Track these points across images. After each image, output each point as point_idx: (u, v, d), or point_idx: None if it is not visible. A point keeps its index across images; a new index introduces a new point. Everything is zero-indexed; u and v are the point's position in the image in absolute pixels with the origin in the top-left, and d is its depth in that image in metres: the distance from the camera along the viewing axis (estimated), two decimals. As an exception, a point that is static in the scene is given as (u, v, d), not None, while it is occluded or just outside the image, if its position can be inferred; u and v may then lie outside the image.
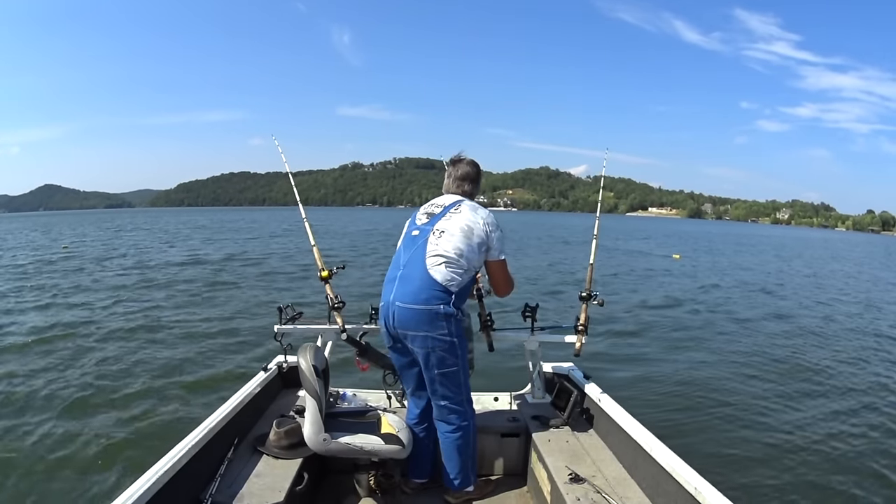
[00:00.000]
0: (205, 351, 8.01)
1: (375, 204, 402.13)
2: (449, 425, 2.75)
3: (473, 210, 2.71)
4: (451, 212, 2.70)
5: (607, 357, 7.96)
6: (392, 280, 2.65)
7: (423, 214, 2.76)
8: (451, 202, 2.75)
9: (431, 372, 2.63)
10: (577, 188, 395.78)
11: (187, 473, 2.27)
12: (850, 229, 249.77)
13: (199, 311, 11.16)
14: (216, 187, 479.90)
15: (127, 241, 32.48)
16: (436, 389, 2.68)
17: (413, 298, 2.54)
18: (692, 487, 2.12)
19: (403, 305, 2.55)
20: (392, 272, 2.68)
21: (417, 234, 2.69)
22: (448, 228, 2.64)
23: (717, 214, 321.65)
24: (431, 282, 2.55)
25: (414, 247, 2.65)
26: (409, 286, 2.57)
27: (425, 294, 2.54)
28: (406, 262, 2.64)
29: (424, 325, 2.55)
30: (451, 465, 2.78)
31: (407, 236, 2.74)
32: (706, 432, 5.48)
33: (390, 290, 2.62)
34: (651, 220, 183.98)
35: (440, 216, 2.70)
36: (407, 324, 2.56)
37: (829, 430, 5.64)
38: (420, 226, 2.72)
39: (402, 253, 2.70)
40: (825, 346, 9.49)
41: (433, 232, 2.64)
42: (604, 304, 3.23)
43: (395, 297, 2.58)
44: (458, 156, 2.91)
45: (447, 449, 2.78)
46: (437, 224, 2.67)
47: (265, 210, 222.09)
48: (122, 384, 6.49)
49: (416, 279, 2.57)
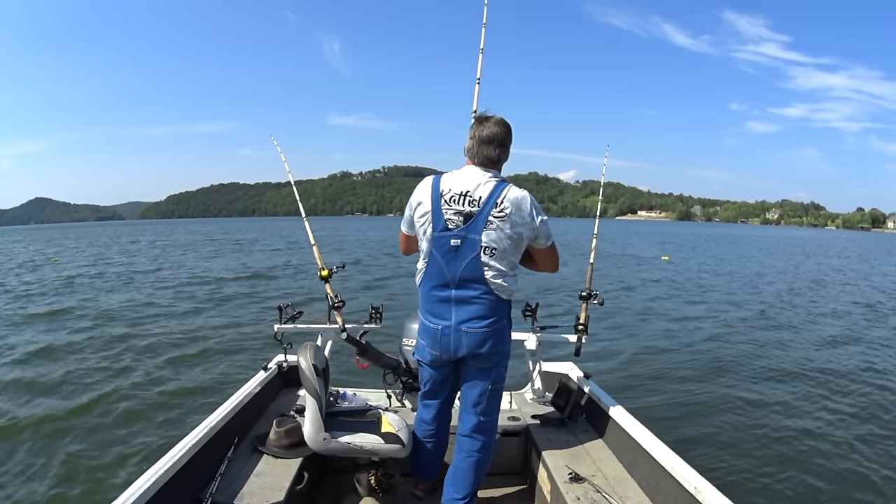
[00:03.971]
0: (205, 351, 8.04)
1: (365, 212, 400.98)
2: (476, 442, 2.58)
3: (519, 210, 2.36)
4: (495, 215, 2.33)
5: (607, 357, 7.97)
6: (445, 301, 2.41)
7: (455, 214, 2.35)
8: (489, 193, 2.35)
9: (485, 387, 2.50)
10: (566, 193, 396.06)
11: (187, 473, 2.26)
12: (840, 227, 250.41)
13: (199, 310, 11.26)
14: (206, 198, 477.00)
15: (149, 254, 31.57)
16: (480, 403, 2.53)
17: (481, 321, 2.39)
18: (692, 486, 2.13)
19: (473, 330, 2.39)
20: (437, 290, 2.43)
21: (460, 246, 2.35)
22: (500, 245, 2.34)
23: (707, 216, 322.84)
24: (496, 301, 2.39)
25: (462, 263, 2.35)
26: (475, 308, 2.38)
27: (494, 314, 2.40)
28: (459, 280, 2.37)
29: (495, 344, 2.43)
30: (464, 483, 2.58)
31: (442, 244, 2.38)
32: (706, 431, 5.48)
33: (447, 312, 2.41)
34: (641, 224, 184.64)
35: (481, 220, 2.33)
36: (478, 347, 2.41)
37: (829, 429, 5.64)
38: (458, 232, 2.34)
39: (443, 265, 2.38)
40: (824, 346, 9.53)
41: (484, 250, 2.33)
42: (604, 303, 3.25)
43: (459, 321, 2.39)
44: (485, 113, 2.49)
45: (465, 467, 2.59)
46: (483, 235, 2.33)
47: (257, 220, 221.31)
48: (122, 384, 6.50)
49: (480, 301, 2.38)
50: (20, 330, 9.95)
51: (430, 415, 2.75)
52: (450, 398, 2.76)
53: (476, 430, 2.58)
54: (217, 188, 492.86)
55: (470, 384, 2.54)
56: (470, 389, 2.55)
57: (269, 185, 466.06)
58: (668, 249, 36.70)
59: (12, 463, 4.63)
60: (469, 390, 2.55)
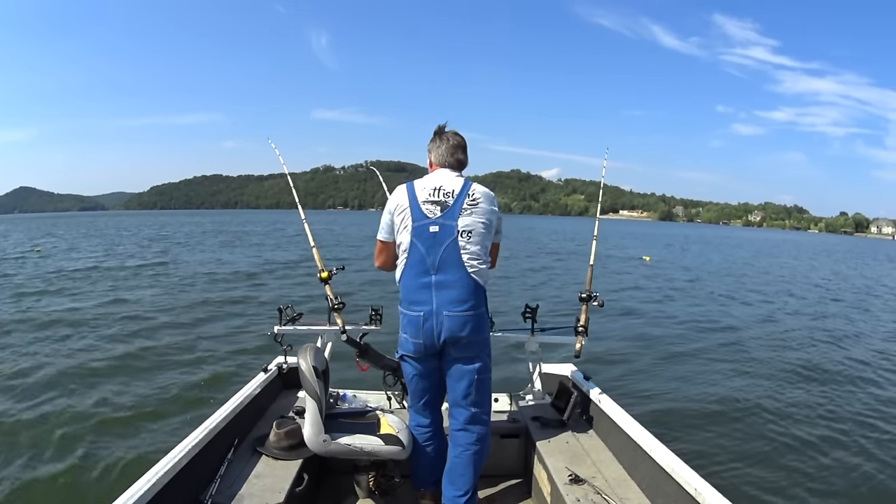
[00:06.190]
0: (205, 351, 7.98)
1: (346, 207, 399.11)
2: (471, 434, 2.63)
3: (488, 200, 2.58)
4: (468, 204, 2.53)
5: (607, 357, 8.01)
6: (426, 287, 2.50)
7: (431, 203, 2.53)
8: (460, 186, 2.57)
9: (471, 377, 2.56)
10: (547, 191, 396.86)
11: (187, 474, 2.26)
12: (823, 231, 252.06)
13: (199, 311, 11.13)
14: (188, 190, 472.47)
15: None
16: (470, 395, 2.59)
17: (461, 305, 2.48)
18: (692, 488, 2.14)
19: (453, 313, 2.48)
20: (418, 277, 2.52)
21: (438, 231, 2.50)
22: (475, 228, 2.51)
23: (689, 217, 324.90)
24: (474, 285, 2.51)
25: (441, 247, 2.49)
26: (454, 292, 2.48)
27: (472, 299, 2.50)
28: (438, 264, 2.49)
29: (474, 330, 2.52)
30: (464, 479, 2.61)
31: (421, 232, 2.51)
32: (706, 432, 5.53)
33: (428, 298, 2.50)
34: (622, 223, 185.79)
35: (456, 208, 2.52)
36: (459, 331, 2.49)
37: (830, 428, 5.73)
38: (436, 220, 2.51)
39: (423, 253, 2.50)
40: (833, 346, 9.69)
41: (461, 234, 2.49)
42: (604, 304, 3.27)
43: (439, 306, 2.48)
44: (444, 126, 2.74)
45: (464, 461, 2.63)
46: (459, 221, 2.50)
47: (242, 213, 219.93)
48: (121, 384, 6.44)
49: (459, 284, 2.49)
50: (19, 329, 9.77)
51: (423, 416, 2.78)
52: (438, 397, 2.77)
53: (470, 421, 2.63)
54: (200, 180, 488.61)
55: (456, 377, 2.59)
56: (457, 383, 2.60)
57: (251, 177, 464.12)
58: (648, 250, 37.09)
59: (12, 462, 4.59)
60: (456, 384, 2.60)
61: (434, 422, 2.78)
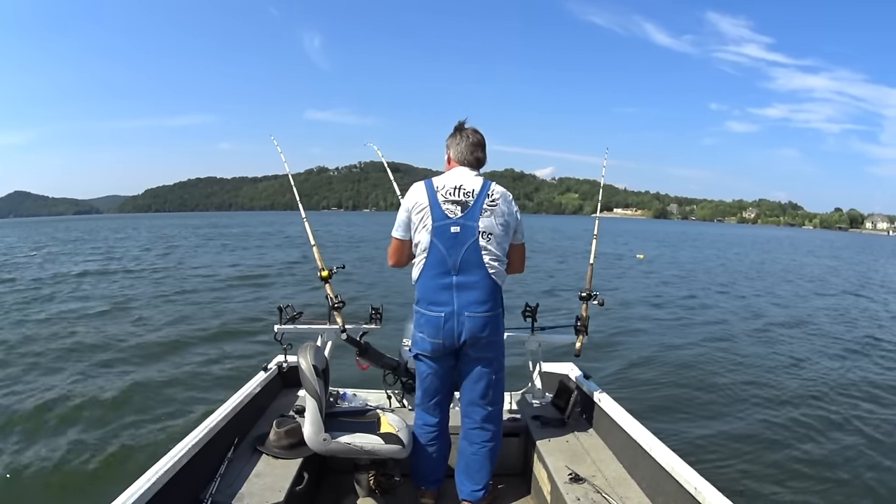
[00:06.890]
0: (205, 350, 8.01)
1: (341, 208, 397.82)
2: (487, 432, 2.69)
3: (506, 201, 2.58)
4: (488, 204, 2.53)
5: (606, 356, 8.03)
6: (446, 288, 2.52)
7: (452, 203, 2.52)
8: (480, 186, 2.57)
9: (489, 377, 2.61)
10: (541, 190, 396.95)
11: (187, 473, 2.26)
12: (818, 227, 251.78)
13: (199, 311, 11.17)
14: (183, 192, 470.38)
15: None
16: (487, 394, 2.64)
17: (482, 306, 2.51)
18: (692, 487, 2.14)
19: (475, 314, 2.51)
20: (439, 278, 2.53)
21: (460, 232, 2.49)
22: (494, 231, 2.52)
23: (683, 214, 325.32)
24: (494, 286, 2.54)
25: (462, 248, 2.49)
26: (475, 293, 2.51)
27: (491, 300, 2.54)
28: (460, 265, 2.50)
29: (493, 331, 2.57)
30: (481, 475, 2.71)
31: (442, 232, 2.50)
32: (707, 432, 5.52)
33: (449, 298, 2.51)
34: (616, 221, 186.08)
35: (477, 209, 2.52)
36: (479, 332, 2.52)
37: (830, 428, 5.74)
38: (457, 220, 2.50)
39: (444, 253, 2.50)
40: (822, 344, 9.74)
41: (482, 234, 2.50)
42: (604, 303, 3.27)
43: (461, 307, 2.50)
44: (464, 122, 2.75)
45: (480, 458, 2.70)
46: (480, 222, 2.50)
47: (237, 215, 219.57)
48: (121, 384, 6.45)
49: (480, 286, 2.51)
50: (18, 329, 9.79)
51: (431, 415, 2.77)
52: (448, 397, 2.78)
53: (486, 419, 2.68)
54: (194, 182, 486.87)
55: (475, 377, 2.62)
56: (475, 383, 2.63)
57: (245, 179, 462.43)
58: (640, 246, 37.19)
59: (13, 462, 4.59)
60: (475, 384, 2.63)
61: (441, 422, 2.79)
